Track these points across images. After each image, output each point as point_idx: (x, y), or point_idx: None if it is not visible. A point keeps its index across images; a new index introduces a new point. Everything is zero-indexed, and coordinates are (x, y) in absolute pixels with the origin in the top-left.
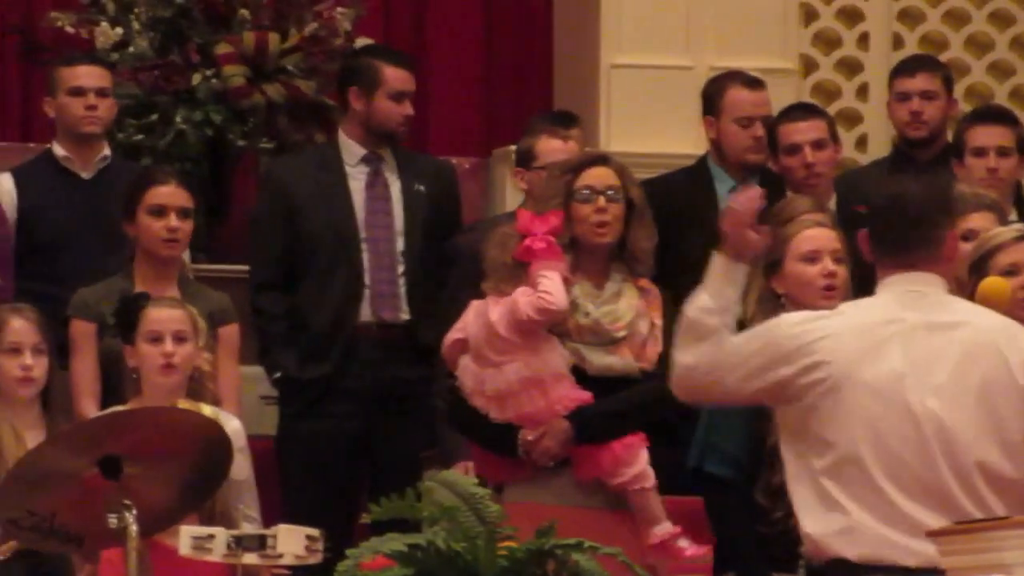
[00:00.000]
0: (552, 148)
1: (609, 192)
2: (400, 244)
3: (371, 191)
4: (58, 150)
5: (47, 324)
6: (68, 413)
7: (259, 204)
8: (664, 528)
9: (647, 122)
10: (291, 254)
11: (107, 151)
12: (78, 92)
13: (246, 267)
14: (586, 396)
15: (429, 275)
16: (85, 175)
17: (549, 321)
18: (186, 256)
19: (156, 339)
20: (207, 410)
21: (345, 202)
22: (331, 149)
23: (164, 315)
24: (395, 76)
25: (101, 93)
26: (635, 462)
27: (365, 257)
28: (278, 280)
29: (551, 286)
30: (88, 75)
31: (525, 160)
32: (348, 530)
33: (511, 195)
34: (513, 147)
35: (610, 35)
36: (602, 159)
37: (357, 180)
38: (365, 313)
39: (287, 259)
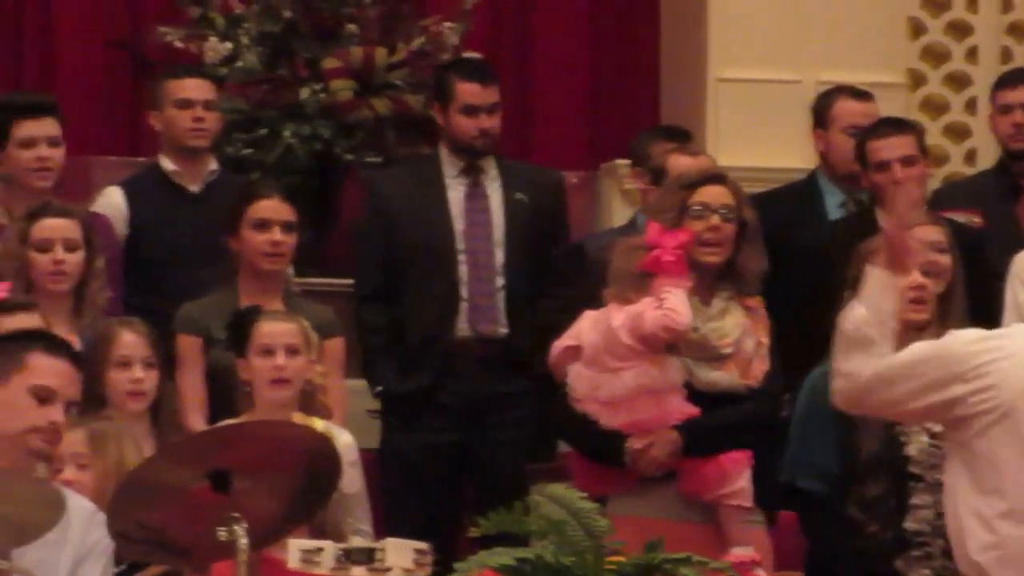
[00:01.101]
0: (684, 165)
1: (723, 211)
2: (500, 256)
3: (470, 203)
4: (166, 164)
5: (157, 338)
6: (177, 427)
7: (362, 216)
8: (744, 551)
9: (754, 136)
10: (391, 266)
11: (214, 165)
12: (185, 104)
13: (353, 280)
14: (694, 411)
15: (532, 287)
16: (193, 189)
17: (673, 339)
18: (290, 270)
19: (268, 352)
20: (319, 424)
21: (443, 214)
22: (432, 161)
23: (276, 328)
24: (466, 90)
25: (207, 106)
26: (739, 478)
27: (463, 270)
28: (380, 292)
29: (678, 304)
30: (195, 88)
31: (656, 177)
32: (450, 543)
33: (617, 209)
34: (620, 161)
35: (718, 49)
36: (719, 177)
37: (456, 192)
38: (462, 326)
39: (388, 271)
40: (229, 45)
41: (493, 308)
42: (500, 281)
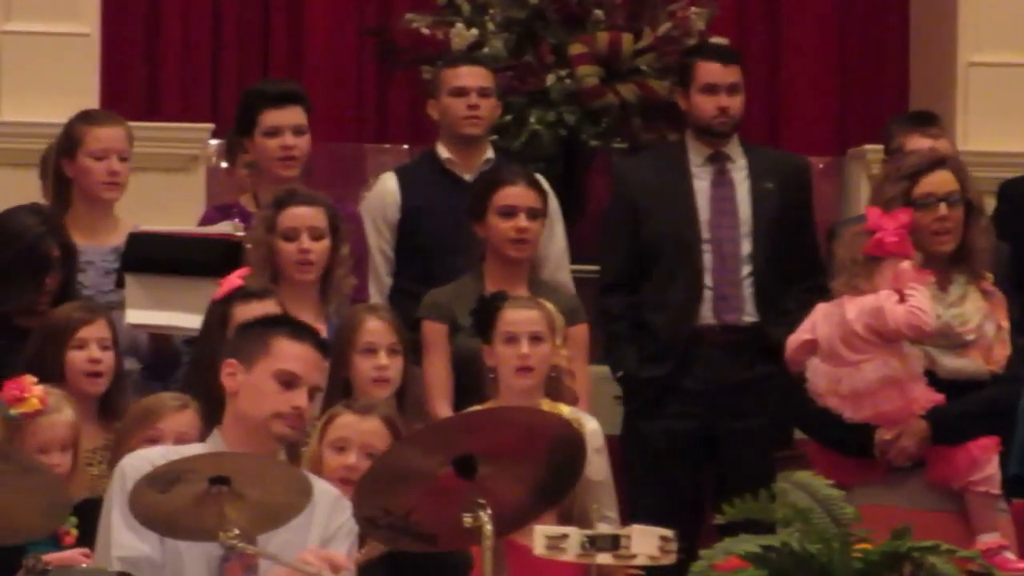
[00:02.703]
0: (921, 147)
1: (949, 198)
2: (746, 246)
3: (716, 192)
4: (442, 151)
5: (402, 324)
6: (423, 413)
7: (610, 204)
8: (992, 537)
9: (1006, 121)
10: (636, 255)
11: (490, 153)
12: (460, 93)
13: (598, 267)
14: (939, 398)
15: (780, 275)
16: (468, 177)
17: (919, 338)
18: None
19: (512, 339)
20: (565, 410)
21: (687, 203)
22: (678, 148)
23: (521, 316)
24: (706, 69)
25: (483, 93)
26: (987, 465)
27: (707, 259)
28: (624, 280)
29: (923, 302)
30: (470, 75)
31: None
32: (693, 530)
33: (865, 194)
34: (868, 147)
35: (968, 33)
36: (940, 162)
37: (702, 180)
38: (706, 315)
39: (633, 259)
40: (475, 31)
41: (738, 297)
42: (746, 270)
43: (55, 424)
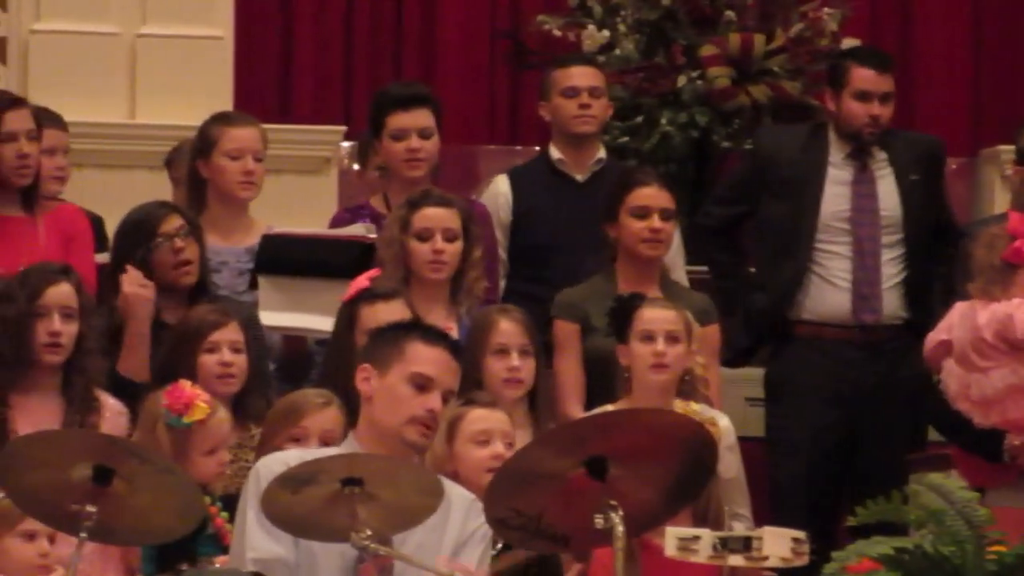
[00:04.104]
0: None
1: None
2: (889, 242)
3: (857, 188)
4: (554, 152)
5: (534, 325)
6: (554, 413)
7: (742, 162)
8: None
9: None
10: (747, 215)
11: (602, 154)
12: (571, 93)
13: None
14: None
15: (926, 270)
16: (579, 178)
17: None
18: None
19: (649, 338)
20: (697, 408)
21: (815, 192)
22: (822, 136)
23: (658, 315)
24: (861, 75)
25: (594, 93)
26: None
27: (846, 260)
28: (724, 226)
29: None
30: (581, 75)
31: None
32: (830, 532)
33: (999, 195)
34: (1002, 147)
35: None
36: None
37: (842, 171)
38: (810, 309)
39: (741, 216)
40: (607, 33)
41: (877, 296)
42: (888, 268)
43: (221, 425)
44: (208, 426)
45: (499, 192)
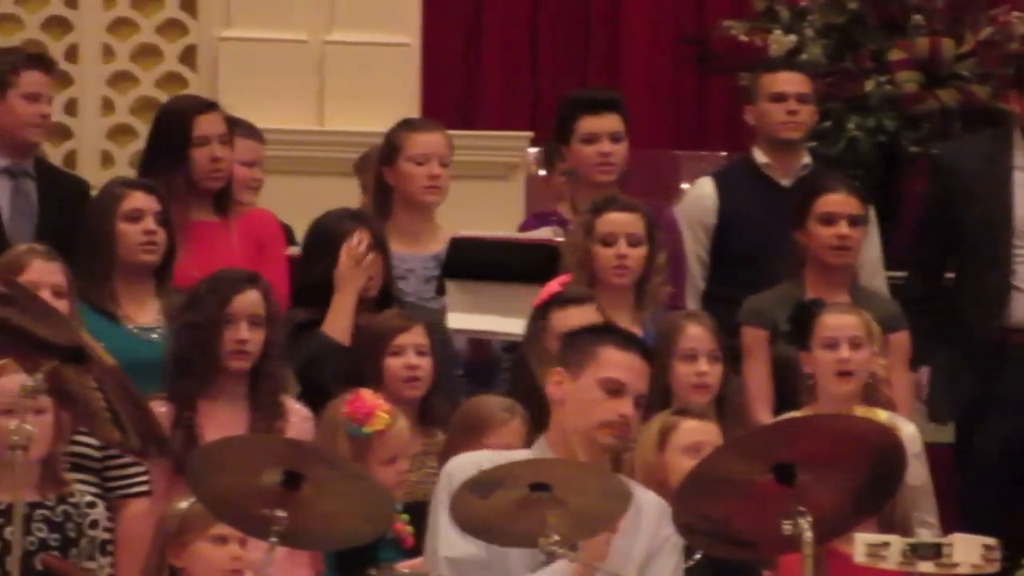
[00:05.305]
0: None
1: None
2: None
3: None
4: (759, 156)
5: (722, 331)
6: (743, 419)
7: (926, 191)
8: None
9: None
10: (948, 242)
11: (807, 159)
12: (779, 98)
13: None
14: None
15: None
16: (784, 182)
17: None
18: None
19: (832, 345)
20: (882, 416)
21: (1004, 196)
22: (1003, 140)
23: (840, 321)
24: None
25: (801, 99)
26: None
27: (1019, 256)
28: (928, 267)
29: None
30: (789, 81)
31: None
32: (1020, 539)
33: None
34: None
35: None
36: None
37: None
38: (1018, 317)
39: (943, 247)
40: (793, 38)
41: None
42: None
43: (401, 434)
44: (388, 436)
45: (704, 194)
